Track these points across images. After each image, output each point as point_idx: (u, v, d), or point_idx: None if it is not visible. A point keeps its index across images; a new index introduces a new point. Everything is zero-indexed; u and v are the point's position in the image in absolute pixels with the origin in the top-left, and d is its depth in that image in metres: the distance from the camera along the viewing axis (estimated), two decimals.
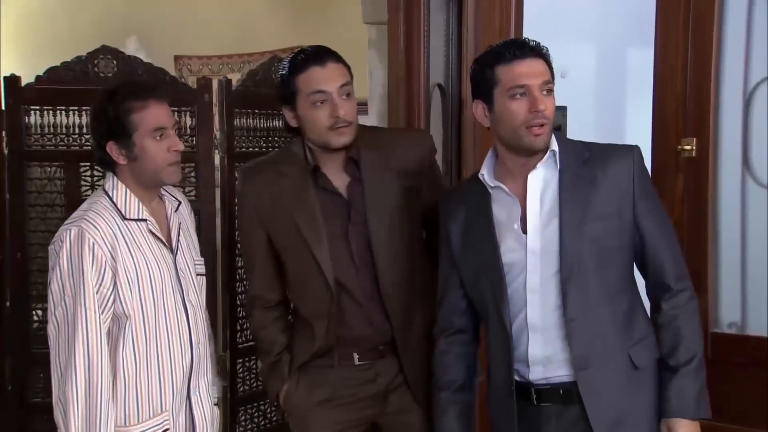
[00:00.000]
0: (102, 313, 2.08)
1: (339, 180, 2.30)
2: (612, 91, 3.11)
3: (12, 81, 2.98)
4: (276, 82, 2.34)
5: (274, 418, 3.29)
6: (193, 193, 3.08)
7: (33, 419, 2.98)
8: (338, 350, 2.33)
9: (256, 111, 3.22)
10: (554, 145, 1.97)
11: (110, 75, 3.01)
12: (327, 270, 2.27)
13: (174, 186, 2.33)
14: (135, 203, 2.17)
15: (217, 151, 3.10)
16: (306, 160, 2.30)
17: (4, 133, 2.97)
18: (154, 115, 2.14)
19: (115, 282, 2.10)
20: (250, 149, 3.20)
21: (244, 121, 3.18)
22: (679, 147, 2.43)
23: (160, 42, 4.75)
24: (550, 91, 1.95)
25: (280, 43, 4.49)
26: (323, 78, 2.22)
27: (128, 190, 2.17)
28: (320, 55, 2.25)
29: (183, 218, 2.30)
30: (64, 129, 3.03)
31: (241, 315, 3.19)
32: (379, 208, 2.29)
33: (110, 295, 2.09)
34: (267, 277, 2.39)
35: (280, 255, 2.37)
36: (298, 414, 2.39)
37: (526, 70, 1.93)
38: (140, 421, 2.15)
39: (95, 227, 2.09)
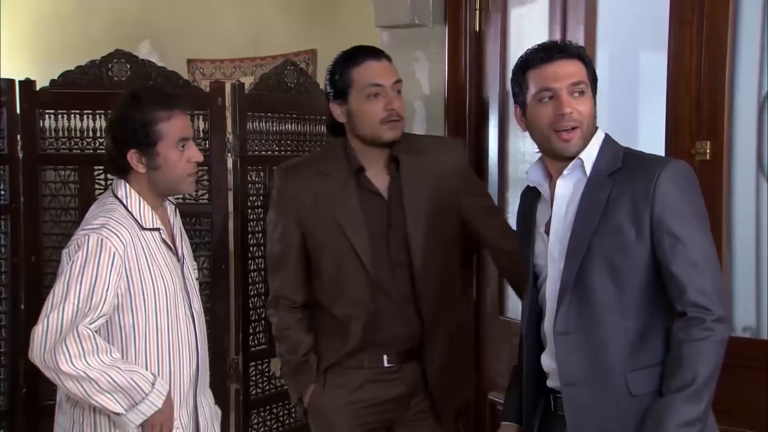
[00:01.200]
0: (99, 318, 2.06)
1: (380, 181, 2.34)
2: (625, 94, 3.11)
3: (27, 85, 3.00)
4: (328, 77, 2.36)
5: (287, 422, 3.29)
6: (206, 196, 3.09)
7: (46, 422, 2.99)
8: (369, 351, 2.34)
9: (269, 114, 3.23)
10: (588, 151, 1.93)
11: (124, 79, 3.02)
12: (369, 268, 2.29)
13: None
14: (149, 212, 2.17)
15: (229, 155, 3.11)
16: (348, 161, 2.32)
17: (19, 137, 2.98)
18: (179, 125, 2.15)
19: (126, 290, 2.09)
20: (263, 153, 3.21)
21: (257, 124, 3.19)
22: (693, 150, 2.41)
23: (172, 46, 4.77)
24: (583, 93, 1.91)
25: (293, 47, 4.50)
26: (380, 72, 2.29)
27: (141, 199, 2.17)
28: (376, 50, 2.35)
29: (179, 223, 2.32)
30: (78, 133, 3.05)
31: (254, 318, 3.20)
32: (416, 209, 2.32)
33: (111, 303, 2.07)
34: (295, 278, 2.41)
35: (312, 256, 2.38)
36: (323, 415, 2.39)
37: (553, 72, 1.90)
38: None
39: (118, 237, 2.08)
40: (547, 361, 1.98)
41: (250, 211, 3.16)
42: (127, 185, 2.17)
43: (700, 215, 1.89)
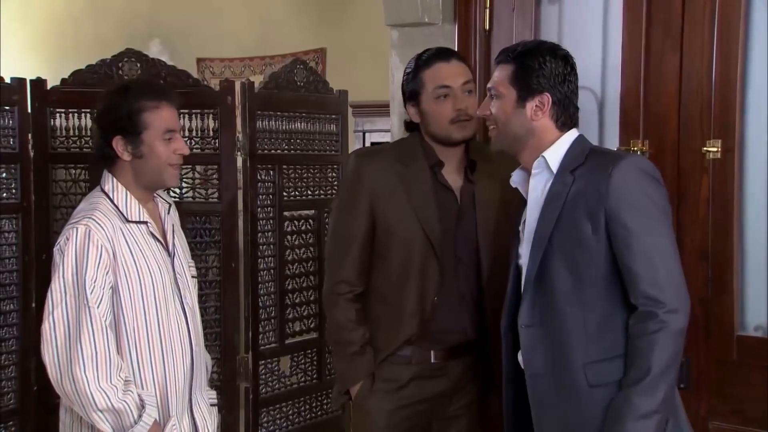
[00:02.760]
0: (104, 309, 2.08)
1: (454, 179, 2.40)
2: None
3: (38, 84, 3.01)
4: (404, 79, 2.44)
5: (297, 420, 3.30)
6: (215, 195, 3.09)
7: (56, 419, 3.00)
8: (419, 345, 2.37)
9: (278, 113, 3.23)
10: (554, 150, 1.99)
11: (134, 78, 3.03)
12: (443, 262, 2.33)
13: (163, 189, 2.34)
14: (135, 205, 2.19)
15: (239, 153, 3.11)
16: (426, 155, 2.38)
17: (30, 135, 2.99)
18: (165, 117, 2.17)
19: (114, 285, 2.11)
20: (273, 151, 3.21)
21: (267, 123, 3.19)
22: (704, 149, 2.41)
23: (182, 45, 4.78)
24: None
25: (302, 46, 4.51)
26: (448, 74, 2.36)
27: (128, 192, 2.19)
28: (445, 52, 2.41)
29: (175, 221, 2.32)
30: (88, 131, 3.06)
31: (263, 317, 3.20)
32: (486, 212, 2.38)
33: (105, 296, 2.09)
34: (360, 263, 2.40)
35: (380, 242, 2.39)
36: (368, 409, 2.40)
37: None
38: None
39: (102, 228, 2.10)
40: (521, 354, 2.02)
41: (259, 209, 3.16)
42: (114, 179, 2.19)
43: (658, 208, 1.91)
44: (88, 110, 3.03)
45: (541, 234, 1.95)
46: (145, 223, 2.19)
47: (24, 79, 2.99)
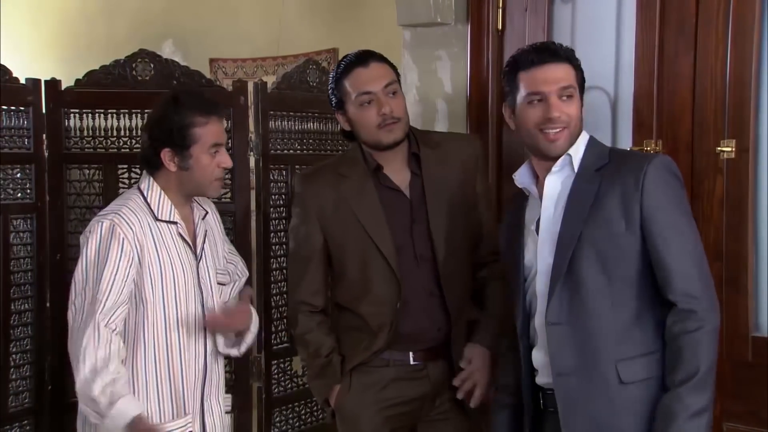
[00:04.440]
0: (117, 308, 2.15)
1: (400, 178, 2.39)
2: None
3: (52, 84, 3.02)
4: (329, 89, 2.43)
5: (309, 420, 3.30)
6: (228, 195, 3.10)
7: (71, 419, 3.01)
8: (395, 348, 2.37)
9: (291, 113, 3.23)
10: (575, 149, 1.98)
11: (147, 78, 3.04)
12: (394, 265, 2.32)
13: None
14: (168, 206, 2.25)
15: (252, 153, 3.12)
16: (366, 162, 2.37)
17: (44, 136, 3.01)
18: (214, 131, 2.24)
19: (136, 279, 2.17)
20: (285, 151, 3.21)
21: (279, 123, 3.20)
22: (718, 149, 2.40)
23: (195, 45, 4.79)
24: (571, 96, 1.97)
25: (315, 46, 4.50)
26: (368, 78, 2.32)
27: (163, 193, 2.26)
28: (362, 56, 2.37)
29: (210, 227, 2.38)
30: (102, 132, 3.07)
31: (275, 317, 3.20)
32: (438, 203, 2.36)
33: (128, 291, 2.16)
34: (316, 283, 2.45)
35: (335, 258, 2.42)
36: (349, 416, 2.41)
37: (542, 76, 1.96)
38: (163, 421, 2.19)
39: (128, 223, 2.17)
40: (538, 356, 2.02)
41: (272, 209, 3.17)
42: (152, 180, 2.27)
43: (685, 207, 1.96)
44: (102, 111, 3.04)
45: (570, 232, 1.94)
46: (175, 223, 2.24)
47: (38, 80, 3.00)
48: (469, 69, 2.99)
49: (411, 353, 2.38)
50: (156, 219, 2.23)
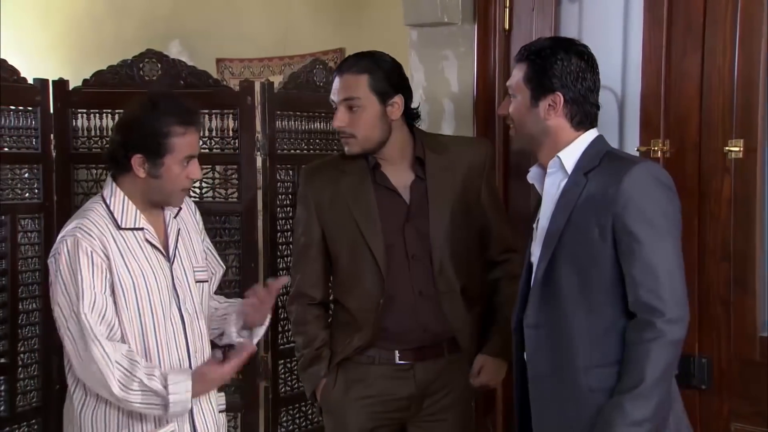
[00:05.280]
0: (103, 317, 2.10)
1: (401, 178, 2.40)
2: None
3: (60, 85, 3.03)
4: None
5: (316, 419, 3.30)
6: (235, 195, 3.10)
7: None
8: (380, 346, 2.38)
9: (298, 113, 3.23)
10: (570, 150, 1.97)
11: (155, 78, 3.04)
12: (381, 262, 2.34)
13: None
14: (132, 212, 2.18)
15: (259, 153, 3.12)
16: (366, 159, 2.38)
17: (52, 136, 3.02)
18: (190, 143, 2.17)
19: (113, 289, 2.12)
20: (292, 151, 3.22)
21: (286, 123, 3.20)
22: (726, 149, 2.39)
23: (202, 45, 4.80)
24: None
25: (321, 46, 4.51)
26: (335, 88, 2.38)
27: (127, 199, 2.19)
28: (342, 64, 2.41)
29: (184, 223, 2.31)
30: (109, 132, 3.07)
31: (282, 316, 3.20)
32: (440, 207, 2.37)
33: (110, 300, 2.11)
34: (315, 275, 2.47)
35: (332, 252, 2.45)
36: (335, 409, 2.43)
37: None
38: (146, 430, 2.17)
39: (90, 236, 2.11)
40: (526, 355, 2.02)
41: (279, 209, 3.17)
42: (115, 186, 2.19)
43: (666, 218, 1.88)
44: (110, 110, 3.05)
45: (552, 234, 1.94)
46: (141, 229, 2.18)
47: (46, 80, 3.01)
48: (476, 69, 2.99)
49: (397, 352, 2.39)
50: (119, 228, 2.16)
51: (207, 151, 3.04)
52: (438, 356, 2.41)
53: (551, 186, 2.00)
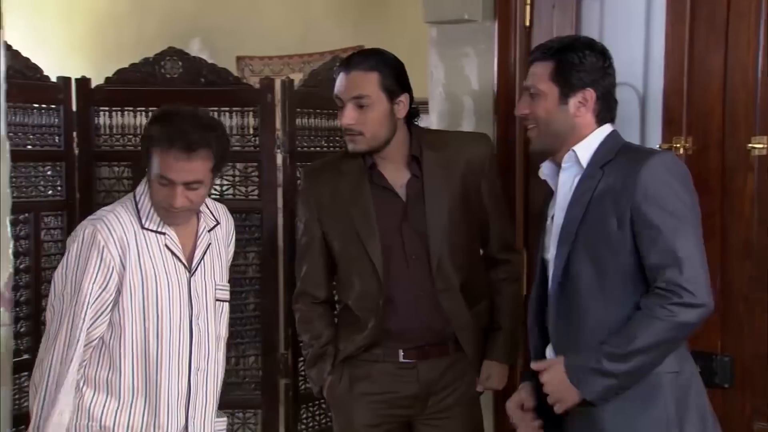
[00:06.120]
0: (99, 317, 2.07)
1: (397, 177, 2.38)
2: None
3: (82, 83, 3.06)
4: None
5: None
6: (255, 192, 3.12)
7: None
8: (384, 345, 2.38)
9: (318, 111, 3.24)
10: (585, 144, 1.98)
11: (176, 76, 3.07)
12: (377, 262, 2.34)
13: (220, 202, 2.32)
14: (156, 215, 2.12)
15: (279, 151, 3.13)
16: (363, 159, 2.37)
17: (74, 134, 3.04)
18: (169, 165, 2.02)
19: (119, 288, 2.07)
20: (312, 149, 3.23)
21: (306, 120, 3.21)
22: (749, 145, 2.37)
23: (222, 43, 4.81)
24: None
25: (341, 44, 4.50)
26: (341, 85, 2.35)
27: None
28: (348, 61, 2.38)
29: (216, 239, 2.23)
30: (131, 129, 3.10)
31: None
32: (437, 206, 2.36)
33: (111, 300, 2.07)
34: (317, 274, 2.48)
35: (333, 252, 2.45)
36: (341, 405, 2.45)
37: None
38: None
39: (109, 230, 2.06)
40: (550, 353, 2.02)
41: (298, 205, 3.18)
42: (146, 185, 2.14)
43: (686, 207, 1.89)
44: (131, 108, 3.07)
45: (568, 229, 1.94)
46: (163, 234, 2.12)
47: (69, 78, 3.04)
48: (496, 66, 2.98)
49: (401, 351, 2.39)
50: (142, 227, 2.10)
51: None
52: (441, 355, 2.41)
53: (566, 181, 2.00)
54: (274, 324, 3.15)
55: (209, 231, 2.21)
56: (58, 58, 4.83)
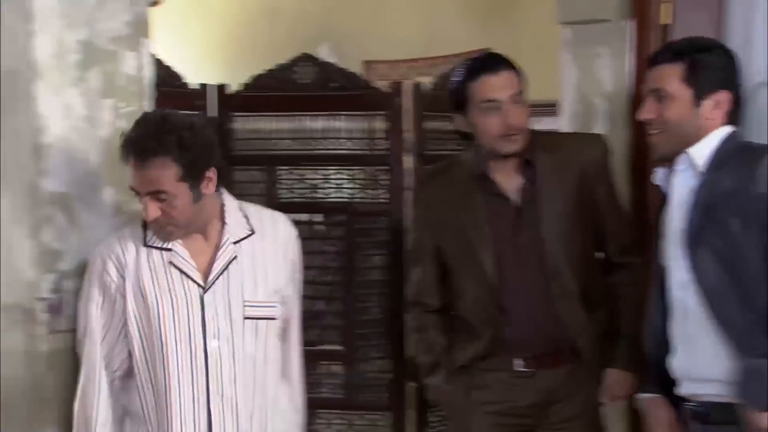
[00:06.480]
0: (115, 346, 1.96)
1: (510, 184, 2.35)
2: None
3: (220, 89, 3.15)
4: (451, 89, 2.41)
5: None
6: (386, 195, 3.13)
7: None
8: (500, 354, 2.34)
9: (447, 114, 3.22)
10: (701, 146, 1.93)
11: (308, 81, 3.12)
12: (490, 269, 2.30)
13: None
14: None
15: (407, 154, 3.13)
16: (475, 165, 2.36)
17: None
18: (131, 174, 1.89)
19: (125, 311, 1.94)
20: (441, 152, 3.22)
21: (435, 124, 3.21)
22: None
23: (349, 47, 4.86)
24: None
25: (469, 46, 4.46)
26: (495, 86, 2.29)
27: None
28: (492, 63, 2.34)
29: (252, 251, 1.97)
30: (264, 133, 3.17)
31: None
32: (553, 210, 2.31)
33: (121, 325, 1.95)
34: (427, 282, 2.46)
35: (445, 260, 2.42)
36: (458, 415, 2.43)
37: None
38: None
39: (109, 254, 1.95)
40: (677, 364, 1.95)
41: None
42: None
43: None
44: (267, 114, 3.13)
45: (689, 233, 1.89)
46: (168, 249, 1.94)
47: (207, 85, 3.14)
48: (632, 66, 2.89)
49: (518, 359, 2.35)
50: (145, 244, 1.94)
51: (356, 151, 3.11)
52: (560, 364, 2.36)
53: (681, 184, 1.95)
54: (401, 327, 3.15)
55: (235, 243, 1.97)
56: (193, 66, 5.01)
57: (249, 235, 1.99)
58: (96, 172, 2.02)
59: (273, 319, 2.00)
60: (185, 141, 1.86)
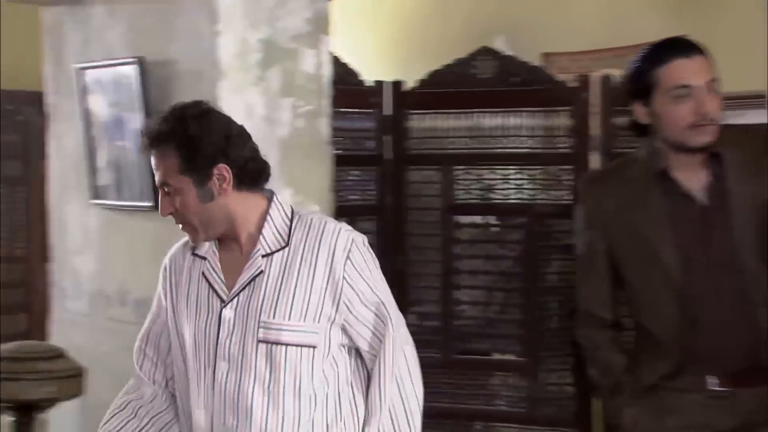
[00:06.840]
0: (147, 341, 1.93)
1: (694, 181, 2.16)
2: None
3: (396, 86, 3.08)
4: (627, 74, 2.24)
5: None
6: (570, 197, 2.94)
7: None
8: (692, 372, 2.14)
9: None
10: None
11: (488, 76, 2.99)
12: (676, 276, 2.12)
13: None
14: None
15: (594, 153, 2.93)
16: (653, 163, 2.18)
17: (386, 137, 3.07)
18: (155, 165, 1.79)
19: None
20: (630, 150, 2.98)
21: (625, 120, 2.98)
22: None
23: (526, 39, 4.68)
24: None
25: (659, 35, 4.16)
26: (691, 71, 2.10)
27: None
28: (686, 46, 2.14)
29: (280, 266, 1.76)
30: (441, 132, 3.07)
31: None
32: (745, 206, 2.12)
33: (155, 326, 1.92)
34: (602, 293, 2.29)
35: (620, 268, 2.25)
36: None
37: None
38: None
39: (166, 261, 1.91)
40: None
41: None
42: None
43: None
44: (445, 111, 3.03)
45: None
46: (204, 258, 1.82)
47: (384, 82, 3.09)
48: None
49: (712, 377, 2.13)
50: (192, 253, 1.86)
51: (537, 150, 2.97)
52: (759, 382, 2.13)
53: None
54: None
55: (265, 256, 1.77)
56: (366, 63, 5.01)
57: (281, 248, 1.77)
58: (274, 174, 1.99)
59: (299, 346, 1.73)
60: (189, 132, 1.72)
